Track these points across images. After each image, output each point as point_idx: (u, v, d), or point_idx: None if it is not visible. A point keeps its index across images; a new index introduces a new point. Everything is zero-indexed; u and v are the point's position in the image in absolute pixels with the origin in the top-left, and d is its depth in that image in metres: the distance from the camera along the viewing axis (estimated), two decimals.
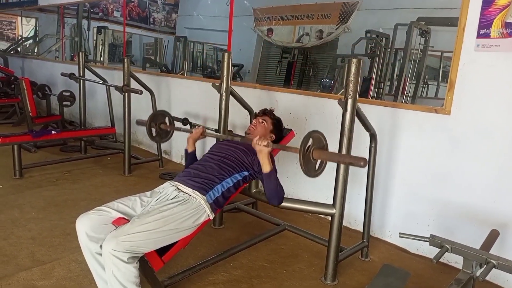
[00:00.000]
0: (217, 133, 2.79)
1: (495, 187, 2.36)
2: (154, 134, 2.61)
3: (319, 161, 1.88)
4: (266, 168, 2.04)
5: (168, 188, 2.02)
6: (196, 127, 2.44)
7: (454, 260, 2.53)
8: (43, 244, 2.50)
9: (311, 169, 1.84)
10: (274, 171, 2.08)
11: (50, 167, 4.07)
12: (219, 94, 2.80)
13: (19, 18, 10.79)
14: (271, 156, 2.10)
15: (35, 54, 9.61)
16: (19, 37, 10.67)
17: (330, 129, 3.08)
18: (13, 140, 3.69)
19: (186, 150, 2.44)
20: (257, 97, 3.60)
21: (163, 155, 4.60)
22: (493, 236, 1.83)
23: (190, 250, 2.46)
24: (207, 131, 2.46)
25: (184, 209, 1.87)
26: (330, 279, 2.28)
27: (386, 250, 2.79)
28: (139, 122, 2.71)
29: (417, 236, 1.73)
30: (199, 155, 2.43)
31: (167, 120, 2.70)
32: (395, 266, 1.89)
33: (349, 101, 2.10)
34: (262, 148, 1.99)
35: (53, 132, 4.23)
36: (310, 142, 1.80)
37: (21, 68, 8.54)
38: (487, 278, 1.51)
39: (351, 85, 2.07)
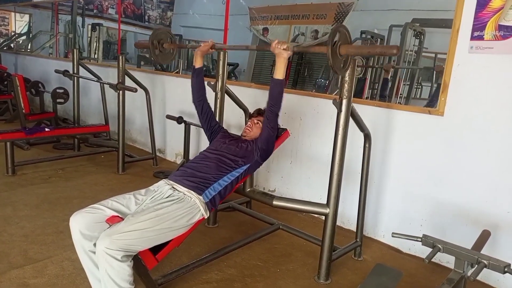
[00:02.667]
0: (224, 44, 2.72)
1: (488, 188, 2.38)
2: (156, 53, 2.55)
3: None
4: (279, 73, 2.02)
5: (163, 187, 2.02)
6: (205, 41, 2.39)
7: (446, 260, 2.55)
8: (36, 242, 2.48)
9: (339, 66, 1.80)
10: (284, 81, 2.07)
11: (43, 164, 4.04)
12: (214, 92, 2.80)
13: (13, 14, 10.68)
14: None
15: (28, 50, 9.53)
16: (13, 33, 10.57)
17: (325, 129, 3.10)
18: (6, 137, 3.66)
19: (193, 67, 2.42)
20: (252, 96, 3.60)
21: (157, 154, 4.59)
22: (484, 236, 1.85)
23: (184, 248, 2.46)
24: (217, 44, 2.43)
25: (179, 208, 1.86)
26: (323, 278, 2.29)
27: (379, 249, 2.80)
28: (139, 44, 2.65)
29: (410, 236, 1.74)
30: (192, 155, 2.43)
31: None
32: (388, 265, 1.91)
33: (344, 101, 2.11)
34: (281, 51, 1.97)
35: (46, 129, 4.20)
36: (337, 37, 1.74)
37: (14, 64, 8.47)
38: (478, 277, 1.53)
39: (346, 85, 2.08)
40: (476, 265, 1.52)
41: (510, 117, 2.27)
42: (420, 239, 1.70)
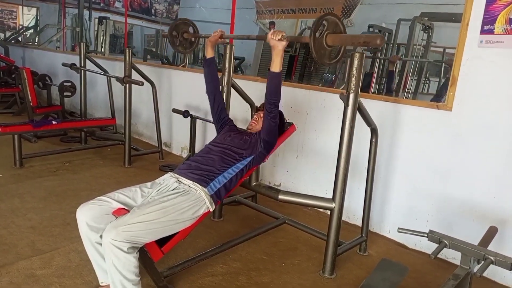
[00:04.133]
0: (232, 35, 2.73)
1: (496, 184, 2.36)
2: (177, 43, 2.56)
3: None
4: (276, 66, 2.02)
5: (168, 180, 2.02)
6: (214, 31, 2.41)
7: (452, 256, 2.54)
8: (43, 234, 2.51)
9: (324, 56, 1.72)
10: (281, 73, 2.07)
11: (50, 157, 4.07)
12: (220, 86, 2.79)
13: (20, 7, 10.74)
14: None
15: (36, 44, 9.58)
16: (20, 27, 10.62)
17: (331, 124, 3.09)
18: (14, 129, 3.69)
19: (204, 57, 2.44)
20: (258, 90, 3.58)
21: (163, 147, 4.60)
22: (491, 232, 1.84)
23: (190, 241, 2.47)
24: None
25: (184, 200, 1.87)
26: (328, 272, 2.29)
27: (385, 245, 2.80)
28: (164, 35, 2.72)
29: (416, 231, 1.73)
30: (198, 148, 2.43)
31: (190, 29, 2.66)
32: (394, 260, 1.90)
33: (351, 96, 2.09)
34: (276, 42, 1.96)
35: (53, 122, 4.23)
36: (324, 26, 1.68)
37: (22, 57, 8.52)
38: (484, 274, 1.52)
39: (353, 79, 2.07)
40: (483, 261, 1.51)
41: None
42: (426, 235, 1.69)
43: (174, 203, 1.83)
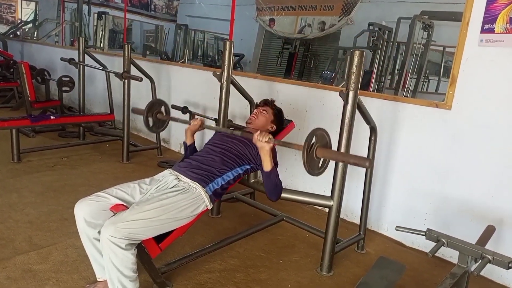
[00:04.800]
0: (216, 126, 2.72)
1: (494, 183, 2.36)
2: (151, 123, 2.55)
3: (322, 158, 1.86)
4: (267, 166, 2.01)
5: (168, 177, 2.02)
6: (194, 119, 2.37)
7: (450, 254, 2.55)
8: (41, 229, 2.50)
9: (315, 168, 1.81)
10: (275, 167, 2.05)
11: (48, 152, 4.06)
12: (219, 83, 2.79)
13: (19, 1, 10.69)
14: (273, 149, 2.04)
15: (34, 38, 9.53)
16: (19, 21, 10.57)
17: (330, 121, 3.08)
18: (12, 124, 3.67)
19: (185, 143, 2.39)
20: (257, 87, 3.58)
21: (162, 144, 4.59)
22: (489, 231, 1.84)
23: (187, 238, 2.47)
24: (206, 123, 2.41)
25: (184, 199, 1.86)
26: (326, 270, 2.30)
27: (382, 243, 2.80)
28: (135, 111, 2.66)
29: (414, 229, 1.74)
30: (198, 145, 2.42)
31: (163, 109, 2.64)
32: (391, 258, 1.90)
33: (351, 93, 2.09)
34: (263, 144, 1.93)
35: (51, 117, 4.21)
36: (313, 140, 1.76)
37: (20, 52, 8.48)
38: (482, 273, 1.52)
39: (353, 77, 2.06)
40: (480, 260, 1.52)
41: None
42: (424, 233, 1.69)
43: (173, 201, 1.82)
